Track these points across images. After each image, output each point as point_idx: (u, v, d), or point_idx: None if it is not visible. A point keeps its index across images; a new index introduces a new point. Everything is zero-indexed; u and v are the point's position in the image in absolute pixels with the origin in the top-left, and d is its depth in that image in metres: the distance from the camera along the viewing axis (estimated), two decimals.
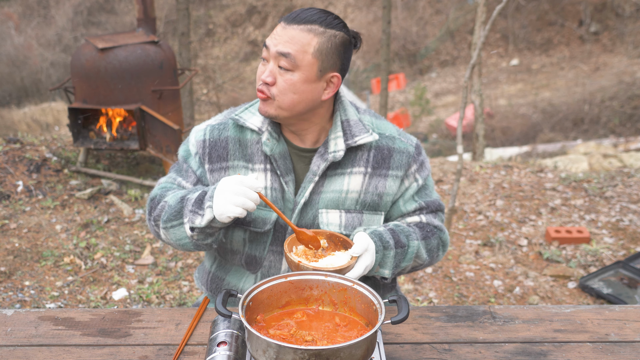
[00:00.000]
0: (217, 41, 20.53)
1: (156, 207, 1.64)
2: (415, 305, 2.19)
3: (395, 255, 1.58)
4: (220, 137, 1.67)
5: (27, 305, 3.42)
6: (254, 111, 1.67)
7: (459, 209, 4.81)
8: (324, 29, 1.51)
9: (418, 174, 1.70)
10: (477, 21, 5.72)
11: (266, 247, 1.67)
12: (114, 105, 4.80)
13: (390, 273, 1.60)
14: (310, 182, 1.62)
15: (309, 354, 1.17)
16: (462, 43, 18.78)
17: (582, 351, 1.46)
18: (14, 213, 4.42)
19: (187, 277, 3.81)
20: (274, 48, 1.51)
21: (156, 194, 1.69)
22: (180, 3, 7.75)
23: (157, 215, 1.63)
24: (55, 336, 1.50)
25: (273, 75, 1.53)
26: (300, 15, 1.51)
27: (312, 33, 1.51)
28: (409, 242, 1.61)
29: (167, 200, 1.62)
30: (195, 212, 1.51)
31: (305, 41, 1.50)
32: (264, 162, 1.64)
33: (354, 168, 1.64)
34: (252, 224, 1.65)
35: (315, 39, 1.51)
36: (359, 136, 1.62)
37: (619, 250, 4.15)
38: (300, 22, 1.50)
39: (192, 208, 1.52)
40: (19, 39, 16.73)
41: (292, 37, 1.50)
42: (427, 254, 1.67)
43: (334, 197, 1.63)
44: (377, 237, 1.56)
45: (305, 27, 1.50)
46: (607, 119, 13.80)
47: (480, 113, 7.25)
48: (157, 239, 1.69)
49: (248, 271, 1.72)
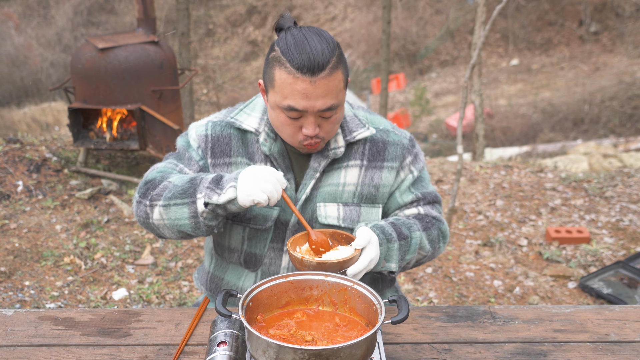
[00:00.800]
0: (217, 41, 20.53)
1: (156, 187, 1.56)
2: (415, 305, 2.19)
3: (399, 247, 1.58)
4: (222, 133, 1.66)
5: (27, 305, 3.42)
6: (249, 112, 1.66)
7: (459, 209, 4.81)
8: (336, 57, 1.46)
9: (413, 166, 1.71)
10: (477, 21, 5.72)
11: (267, 244, 1.67)
12: (114, 105, 4.80)
13: (397, 266, 1.59)
14: (311, 179, 1.63)
15: (309, 354, 1.17)
16: (462, 43, 18.78)
17: (582, 351, 1.46)
18: (14, 213, 4.42)
19: (187, 277, 3.81)
20: (314, 108, 1.45)
21: (155, 176, 1.61)
22: (180, 3, 7.75)
23: (157, 194, 1.54)
24: (55, 336, 1.50)
25: (318, 125, 1.51)
26: (317, 61, 1.41)
27: (335, 70, 1.45)
28: (411, 234, 1.61)
29: (171, 180, 1.56)
30: (212, 189, 1.46)
31: (337, 81, 1.46)
32: (264, 161, 1.64)
33: (350, 161, 1.65)
34: (253, 221, 1.64)
35: (340, 71, 1.47)
36: (357, 131, 1.64)
37: (619, 250, 4.15)
38: (322, 68, 1.42)
39: (210, 185, 1.47)
40: (19, 39, 16.73)
41: (327, 88, 1.44)
42: (430, 244, 1.67)
43: (331, 191, 1.64)
44: (379, 230, 1.56)
45: (329, 69, 1.43)
46: (607, 119, 13.80)
47: (480, 113, 7.25)
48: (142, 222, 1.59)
49: (246, 269, 1.72)
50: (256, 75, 18.81)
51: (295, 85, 1.42)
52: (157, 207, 1.54)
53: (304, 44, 1.42)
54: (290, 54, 1.42)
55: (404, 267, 1.67)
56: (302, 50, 1.41)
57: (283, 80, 1.44)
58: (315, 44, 1.43)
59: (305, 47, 1.42)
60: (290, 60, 1.42)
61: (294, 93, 1.43)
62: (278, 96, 1.47)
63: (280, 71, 1.44)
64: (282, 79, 1.44)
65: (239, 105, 1.72)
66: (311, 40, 1.43)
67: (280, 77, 1.44)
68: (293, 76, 1.42)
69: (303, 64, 1.41)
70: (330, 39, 1.47)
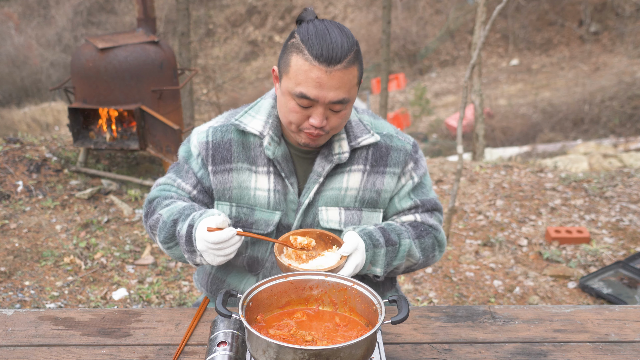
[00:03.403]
0: (217, 41, 20.53)
1: (152, 214, 1.66)
2: (415, 305, 2.19)
3: (386, 253, 1.58)
4: (223, 139, 1.65)
5: (27, 305, 3.42)
6: (254, 114, 1.65)
7: (459, 209, 4.81)
8: (354, 53, 1.45)
9: (414, 172, 1.71)
10: (477, 21, 5.72)
11: (269, 248, 1.67)
12: (114, 105, 4.80)
13: (382, 271, 1.60)
14: (314, 184, 1.63)
15: (309, 354, 1.17)
16: (462, 43, 18.78)
17: (582, 351, 1.46)
18: (14, 213, 4.42)
19: (187, 277, 3.81)
20: (325, 98, 1.44)
21: (154, 196, 1.70)
22: (180, 3, 7.75)
23: (153, 225, 1.65)
24: (55, 336, 1.50)
25: (326, 117, 1.50)
26: (336, 53, 1.41)
27: (352, 65, 1.44)
28: (401, 241, 1.61)
29: (161, 214, 1.63)
30: (192, 252, 1.56)
31: (352, 76, 1.46)
32: (267, 165, 1.63)
33: (353, 166, 1.65)
34: (255, 226, 1.65)
35: (356, 68, 1.46)
36: (362, 137, 1.63)
37: (619, 250, 4.15)
38: (339, 60, 1.41)
39: (187, 248, 1.56)
40: (19, 39, 16.74)
41: (341, 80, 1.43)
42: (421, 253, 1.66)
43: (333, 195, 1.64)
44: (366, 236, 1.56)
45: (346, 62, 1.43)
46: (607, 119, 13.81)
47: (480, 113, 7.25)
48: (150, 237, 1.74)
49: (250, 273, 1.72)
50: (256, 75, 18.82)
51: (310, 73, 1.42)
52: (157, 242, 1.66)
53: (325, 35, 1.42)
54: (310, 42, 1.42)
55: (393, 272, 1.67)
56: (323, 40, 1.41)
57: (299, 67, 1.43)
58: (336, 36, 1.42)
59: (326, 37, 1.41)
60: (309, 47, 1.41)
61: (308, 80, 1.43)
62: (291, 82, 1.46)
63: (297, 57, 1.43)
64: (299, 65, 1.43)
65: (244, 106, 1.71)
66: (332, 32, 1.43)
67: (296, 63, 1.44)
68: (310, 63, 1.41)
69: (321, 53, 1.40)
70: (350, 35, 1.47)
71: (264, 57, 20.16)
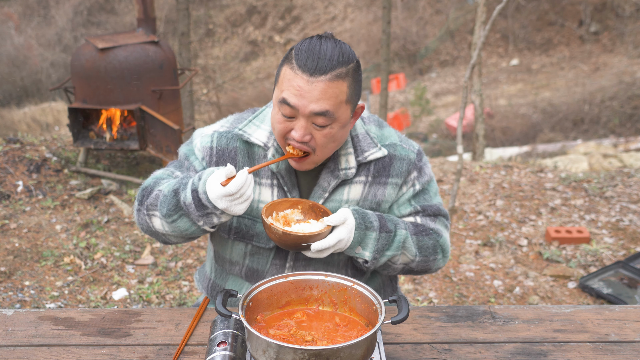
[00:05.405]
0: (217, 41, 20.53)
1: (149, 195, 1.57)
2: (415, 305, 2.19)
3: (378, 238, 1.54)
4: (228, 146, 1.63)
5: (27, 305, 3.42)
6: (258, 124, 1.63)
7: (459, 209, 4.81)
8: (346, 67, 1.43)
9: (417, 180, 1.68)
10: (477, 21, 5.72)
11: (269, 260, 1.66)
12: (114, 105, 4.80)
13: (370, 256, 1.54)
14: (319, 199, 1.60)
15: (309, 354, 1.17)
16: (462, 43, 18.78)
17: (582, 351, 1.46)
18: (14, 213, 4.42)
19: (187, 277, 3.81)
20: (306, 108, 1.42)
21: (149, 183, 1.62)
22: (180, 3, 7.75)
23: (151, 203, 1.55)
24: (55, 336, 1.50)
25: (309, 133, 1.47)
26: (321, 63, 1.40)
27: (340, 79, 1.42)
28: (396, 230, 1.57)
29: (161, 190, 1.55)
30: (208, 215, 1.46)
31: (338, 91, 1.43)
32: (270, 177, 1.61)
33: (355, 178, 1.63)
34: (256, 239, 1.63)
35: (345, 84, 1.44)
36: (369, 151, 1.61)
37: (619, 250, 4.15)
38: (324, 72, 1.40)
39: (200, 213, 1.46)
40: (19, 39, 16.73)
41: (324, 92, 1.41)
42: (418, 250, 1.61)
43: (334, 207, 1.62)
44: (359, 215, 1.53)
45: (332, 75, 1.41)
46: (607, 119, 13.80)
47: (480, 113, 7.26)
48: (145, 229, 1.60)
49: (247, 282, 1.71)
50: (256, 75, 18.81)
51: (292, 81, 1.42)
52: (157, 218, 1.54)
53: (315, 47, 1.43)
54: (299, 53, 1.43)
55: (390, 268, 1.62)
56: (311, 51, 1.42)
57: (285, 75, 1.45)
58: (326, 48, 1.42)
59: (315, 49, 1.42)
60: (297, 57, 1.43)
61: (290, 88, 1.43)
62: (278, 90, 1.48)
63: (286, 67, 1.45)
64: (285, 74, 1.45)
65: (248, 113, 1.69)
66: (324, 45, 1.43)
67: (284, 73, 1.46)
68: (294, 72, 1.42)
69: (306, 63, 1.41)
70: (347, 51, 1.45)
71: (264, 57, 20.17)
